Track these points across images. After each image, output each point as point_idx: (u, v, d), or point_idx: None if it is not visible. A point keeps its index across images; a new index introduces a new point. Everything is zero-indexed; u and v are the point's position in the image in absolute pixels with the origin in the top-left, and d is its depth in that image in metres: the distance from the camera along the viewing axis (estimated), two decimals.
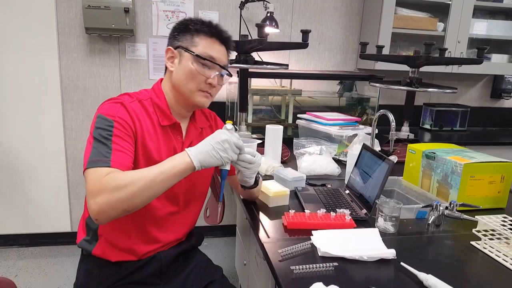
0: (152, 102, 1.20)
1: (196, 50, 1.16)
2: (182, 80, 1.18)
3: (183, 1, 2.62)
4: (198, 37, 1.18)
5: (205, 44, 1.18)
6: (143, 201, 1.00)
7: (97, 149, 1.04)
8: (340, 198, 1.45)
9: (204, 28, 1.18)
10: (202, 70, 1.17)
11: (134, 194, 0.97)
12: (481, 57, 2.13)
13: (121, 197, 0.96)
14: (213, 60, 1.18)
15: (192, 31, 1.18)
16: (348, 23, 2.93)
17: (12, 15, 2.39)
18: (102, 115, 1.09)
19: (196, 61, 1.17)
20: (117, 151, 1.05)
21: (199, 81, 1.17)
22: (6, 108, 2.51)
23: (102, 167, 1.01)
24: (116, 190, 0.96)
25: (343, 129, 2.08)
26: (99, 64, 2.60)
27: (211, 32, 1.19)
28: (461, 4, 2.72)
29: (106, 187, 0.97)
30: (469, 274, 1.04)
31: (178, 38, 1.20)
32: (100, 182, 0.98)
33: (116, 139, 1.06)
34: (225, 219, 1.82)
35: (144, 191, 0.98)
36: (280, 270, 0.98)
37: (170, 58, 1.20)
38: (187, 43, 1.18)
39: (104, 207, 0.97)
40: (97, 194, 0.97)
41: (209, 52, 1.17)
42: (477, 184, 1.39)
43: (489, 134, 3.09)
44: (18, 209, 2.68)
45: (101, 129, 1.06)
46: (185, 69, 1.17)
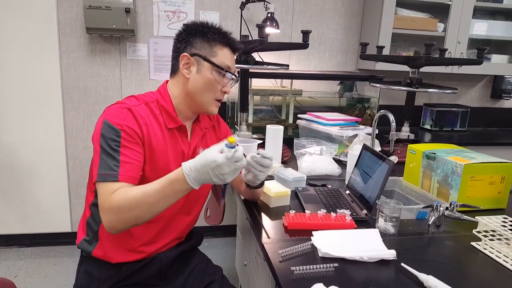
0: (159, 105, 1.20)
1: (215, 60, 1.19)
2: (200, 89, 1.19)
3: (184, 1, 2.62)
4: (216, 47, 1.20)
5: (221, 54, 1.20)
6: (150, 218, 1.07)
7: (105, 161, 1.06)
8: (341, 199, 1.45)
9: (221, 38, 1.21)
10: (221, 80, 1.20)
11: (140, 215, 1.04)
12: (481, 57, 2.14)
13: (129, 217, 1.03)
14: (229, 70, 1.21)
15: (211, 40, 1.19)
16: (348, 24, 2.93)
17: (13, 15, 2.39)
18: (109, 122, 1.09)
19: (215, 71, 1.19)
20: (125, 163, 1.07)
21: (216, 90, 1.21)
22: (7, 108, 2.51)
23: (111, 182, 1.05)
24: (123, 211, 1.02)
25: (344, 129, 2.08)
26: (100, 64, 2.61)
27: (227, 42, 1.22)
28: (461, 5, 2.72)
29: (114, 207, 1.02)
30: (469, 275, 1.04)
31: (195, 45, 1.19)
32: (108, 200, 1.03)
33: (124, 150, 1.08)
34: (226, 220, 1.81)
35: (149, 211, 1.04)
36: (280, 271, 0.98)
37: (186, 64, 1.19)
38: (206, 52, 1.19)
39: (114, 224, 1.04)
40: (107, 211, 1.04)
41: (226, 62, 1.21)
42: (477, 184, 1.39)
43: (489, 135, 3.09)
44: (18, 209, 2.68)
45: (109, 139, 1.07)
46: (204, 79, 1.19)
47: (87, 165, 2.71)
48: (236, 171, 1.01)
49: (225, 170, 0.99)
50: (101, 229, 1.20)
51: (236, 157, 0.99)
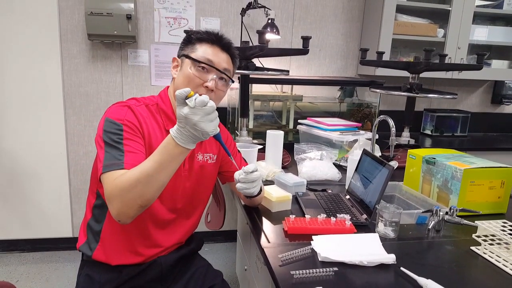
0: (158, 108, 1.24)
1: (194, 55, 1.21)
2: (181, 84, 1.20)
3: (185, 8, 2.64)
4: (199, 45, 1.22)
5: (204, 49, 1.21)
6: (154, 193, 1.04)
7: (110, 153, 1.08)
8: (341, 203, 1.46)
9: (204, 35, 1.23)
10: (199, 74, 1.19)
11: (143, 191, 1.02)
12: (481, 63, 2.14)
13: (132, 196, 1.01)
14: (211, 63, 1.20)
15: (194, 39, 1.23)
16: (348, 30, 2.95)
17: (15, 21, 2.41)
18: (110, 118, 1.13)
19: (193, 65, 1.20)
20: (129, 152, 1.08)
21: (196, 84, 1.19)
22: (9, 113, 2.53)
23: (116, 170, 1.04)
24: (125, 191, 1.01)
25: (344, 134, 2.09)
26: (101, 70, 2.62)
27: (211, 39, 1.23)
28: (461, 11, 2.74)
29: (116, 190, 1.02)
30: (469, 279, 1.04)
31: (183, 48, 1.25)
32: (111, 186, 1.03)
33: (127, 141, 1.10)
34: (226, 225, 1.82)
35: (152, 186, 1.02)
36: (280, 275, 0.99)
37: (175, 67, 1.26)
38: (188, 50, 1.23)
39: (121, 209, 1.02)
40: (111, 198, 1.03)
41: (207, 56, 1.20)
42: (477, 189, 1.39)
43: (490, 140, 3.09)
44: (20, 214, 2.69)
45: (111, 133, 1.10)
46: (183, 74, 1.21)
47: (88, 170, 2.73)
48: (208, 117, 0.99)
49: (195, 118, 0.97)
50: (103, 229, 1.21)
51: (200, 101, 0.97)
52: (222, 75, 1.23)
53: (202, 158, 1.32)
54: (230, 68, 1.26)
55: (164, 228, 1.25)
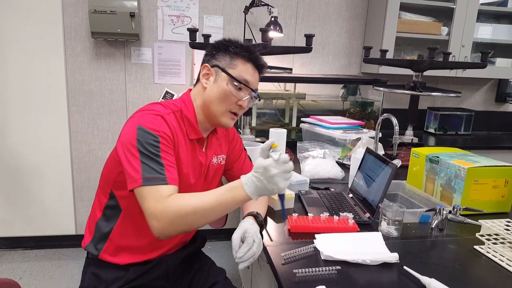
0: (182, 115, 1.21)
1: (233, 72, 1.19)
2: (215, 99, 1.19)
3: (188, 6, 2.64)
4: (236, 60, 1.20)
5: (242, 68, 1.20)
6: (203, 224, 1.08)
7: (149, 165, 1.05)
8: (344, 202, 1.46)
9: (243, 52, 1.21)
10: (236, 92, 1.20)
11: (194, 223, 1.05)
12: (485, 61, 2.13)
13: (183, 223, 1.03)
14: (247, 84, 1.21)
15: (232, 53, 1.21)
16: (352, 28, 2.94)
17: (19, 20, 2.42)
18: (145, 128, 1.08)
19: (231, 83, 1.19)
20: (169, 166, 1.07)
21: (230, 102, 1.20)
22: (13, 111, 2.54)
23: (160, 185, 1.04)
24: (178, 217, 1.01)
25: (347, 133, 2.08)
26: (104, 68, 2.63)
27: (249, 57, 1.22)
28: (465, 9, 2.72)
29: (168, 212, 1.01)
30: (472, 278, 1.03)
31: (217, 57, 1.22)
32: (162, 204, 1.01)
33: (164, 154, 1.08)
34: (229, 223, 1.82)
35: (203, 220, 1.05)
36: (283, 274, 0.99)
37: (206, 75, 1.22)
38: (225, 64, 1.20)
39: (166, 230, 1.03)
40: (160, 217, 1.01)
41: (245, 76, 1.20)
42: (480, 188, 1.39)
43: (494, 138, 3.08)
44: (23, 212, 2.70)
45: (148, 144, 1.06)
46: (219, 88, 1.19)
47: (91, 168, 2.74)
48: (286, 175, 1.02)
49: (273, 171, 1.00)
50: (114, 230, 1.21)
51: (284, 158, 1.01)
52: (254, 94, 1.24)
53: (216, 160, 1.33)
54: (257, 86, 1.28)
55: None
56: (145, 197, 1.03)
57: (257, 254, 1.07)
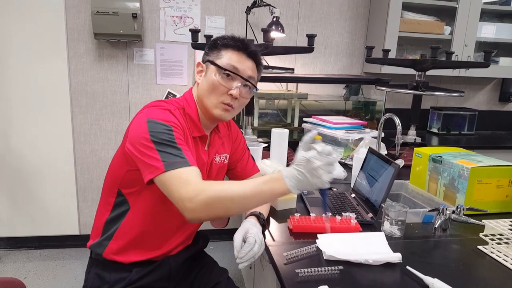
0: (185, 113, 1.21)
1: (220, 62, 1.19)
2: (205, 91, 1.20)
3: (190, 6, 2.64)
4: (224, 51, 1.20)
5: (230, 56, 1.19)
6: (238, 212, 1.07)
7: (167, 152, 1.03)
8: (346, 202, 1.45)
9: (230, 42, 1.21)
10: (224, 81, 1.18)
11: (230, 209, 1.02)
12: (488, 60, 2.12)
13: (218, 207, 1.00)
14: (236, 71, 1.18)
15: (220, 45, 1.21)
16: (354, 27, 2.93)
17: (22, 21, 2.43)
18: (155, 120, 1.07)
19: (219, 73, 1.18)
20: (186, 151, 1.06)
21: (221, 92, 1.18)
22: (16, 112, 2.55)
23: (184, 167, 1.01)
24: (215, 201, 0.99)
25: (349, 132, 2.08)
26: (107, 69, 2.63)
27: (237, 46, 1.21)
28: (468, 8, 2.71)
29: (205, 194, 0.98)
30: (476, 278, 1.03)
31: (208, 53, 1.23)
32: (197, 186, 0.99)
33: (179, 141, 1.07)
34: (231, 223, 1.82)
35: (239, 207, 1.03)
36: (285, 274, 0.99)
37: (200, 72, 1.24)
38: (214, 56, 1.21)
39: (200, 211, 0.99)
40: (194, 197, 0.98)
41: (233, 64, 1.18)
42: (484, 188, 1.38)
43: (497, 138, 3.07)
44: (27, 212, 2.71)
45: (161, 133, 1.05)
46: (208, 80, 1.19)
47: (95, 168, 2.75)
48: (329, 167, 0.98)
49: (317, 163, 0.96)
50: (120, 228, 1.21)
51: (327, 150, 0.97)
52: (247, 83, 1.21)
53: (219, 159, 1.33)
54: (254, 75, 1.24)
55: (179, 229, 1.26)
56: (172, 182, 1.00)
57: (258, 254, 1.07)
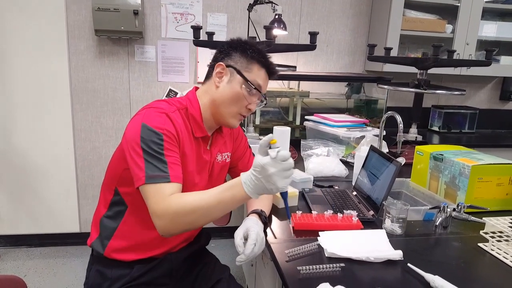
0: (188, 113, 1.20)
1: (248, 76, 1.19)
2: (227, 99, 1.19)
3: (192, 3, 2.64)
4: (252, 64, 1.20)
5: (257, 72, 1.21)
6: (205, 223, 1.09)
7: (152, 163, 1.05)
8: (347, 200, 1.46)
9: (260, 58, 1.22)
10: (248, 96, 1.20)
11: (195, 221, 1.05)
12: (490, 59, 2.12)
13: (184, 222, 1.04)
14: (260, 88, 1.21)
15: (249, 57, 1.21)
16: (356, 25, 2.93)
17: (23, 18, 2.43)
18: (149, 126, 1.08)
19: (245, 86, 1.19)
20: (172, 164, 1.08)
21: (241, 105, 1.21)
22: (17, 109, 2.55)
23: (163, 183, 1.04)
24: (179, 215, 1.02)
25: (351, 130, 2.08)
26: (108, 66, 2.63)
27: (265, 63, 1.22)
28: (470, 6, 2.71)
29: (170, 210, 1.02)
30: (476, 276, 1.03)
31: (233, 57, 1.21)
32: (164, 203, 1.02)
33: (168, 152, 1.08)
34: (232, 220, 1.82)
35: (205, 218, 1.06)
36: (287, 271, 0.99)
37: (219, 73, 1.21)
38: (241, 66, 1.20)
39: (169, 228, 1.04)
40: (162, 215, 1.03)
41: (258, 81, 1.21)
42: (485, 186, 1.38)
43: (498, 136, 3.07)
44: (28, 210, 2.71)
45: (151, 142, 1.07)
46: (233, 90, 1.19)
47: (95, 166, 2.75)
48: (285, 173, 0.99)
49: (271, 170, 0.97)
50: (120, 227, 1.21)
51: (282, 155, 0.97)
52: (263, 99, 1.25)
53: (221, 158, 1.33)
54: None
55: None
56: (148, 196, 1.05)
57: (258, 252, 1.08)
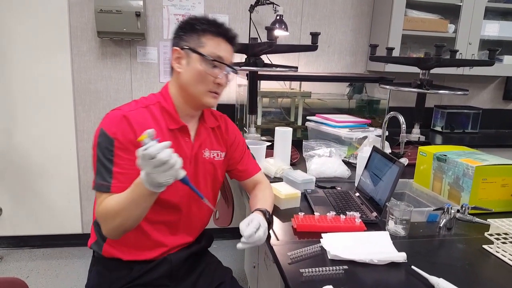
0: (160, 106, 1.20)
1: (203, 50, 1.16)
2: (191, 81, 1.18)
3: (194, 5, 2.64)
4: (204, 37, 1.17)
5: (212, 44, 1.17)
6: (133, 223, 1.08)
7: (100, 171, 1.10)
8: (350, 201, 1.45)
9: (211, 28, 1.18)
10: (211, 71, 1.17)
11: (122, 222, 1.07)
12: (493, 58, 2.11)
13: (114, 225, 1.07)
14: (221, 60, 1.18)
15: (199, 31, 1.17)
16: (358, 25, 2.92)
17: (26, 19, 2.43)
18: (104, 131, 1.11)
19: (204, 62, 1.16)
20: (118, 173, 1.09)
21: (208, 81, 1.18)
22: (19, 110, 2.55)
23: (103, 193, 1.10)
24: (108, 219, 1.08)
25: (353, 131, 2.07)
26: (110, 67, 2.63)
27: (218, 31, 1.18)
28: (472, 6, 2.70)
29: (102, 216, 1.09)
30: (481, 278, 1.02)
31: (184, 38, 1.18)
32: (99, 209, 1.09)
33: (117, 159, 1.10)
34: (234, 221, 1.82)
35: (129, 218, 1.06)
36: (289, 273, 0.98)
37: (177, 59, 1.19)
38: (194, 43, 1.17)
39: (107, 232, 1.11)
40: (99, 220, 1.11)
41: (217, 52, 1.17)
42: (489, 187, 1.37)
43: (502, 137, 3.05)
44: (30, 211, 2.71)
45: (104, 148, 1.10)
46: (193, 70, 1.17)
47: None
48: (158, 169, 0.92)
49: (145, 169, 0.94)
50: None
51: (146, 154, 0.90)
52: (231, 70, 1.21)
53: (209, 154, 1.30)
54: (233, 59, 1.24)
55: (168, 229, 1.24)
56: (96, 201, 1.13)
57: (260, 239, 1.09)
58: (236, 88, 2.78)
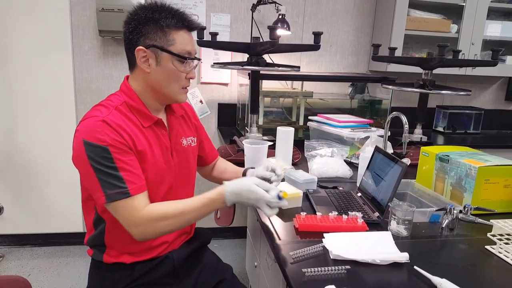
0: (128, 105, 1.15)
1: (174, 49, 1.12)
2: (164, 81, 1.15)
3: (195, 4, 2.63)
4: (171, 34, 1.12)
5: (180, 40, 1.13)
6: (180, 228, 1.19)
7: (107, 181, 1.04)
8: (352, 201, 1.44)
9: (176, 23, 1.13)
10: (183, 68, 1.16)
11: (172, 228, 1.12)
12: (496, 59, 2.10)
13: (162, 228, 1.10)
14: (191, 55, 1.16)
15: (165, 27, 1.11)
16: (360, 25, 2.92)
17: (27, 18, 2.43)
18: (90, 142, 1.04)
19: (176, 60, 1.14)
20: (128, 176, 1.06)
21: (181, 79, 1.17)
22: (21, 109, 2.55)
23: (125, 199, 1.05)
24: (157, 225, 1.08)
25: (355, 131, 2.07)
26: (112, 66, 2.63)
27: (182, 25, 1.14)
28: (475, 6, 2.69)
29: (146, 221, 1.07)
30: (484, 279, 1.02)
31: (148, 35, 1.11)
32: (140, 215, 1.06)
33: (119, 163, 1.05)
34: (236, 221, 1.81)
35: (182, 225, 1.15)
36: (291, 273, 0.98)
37: (143, 58, 1.13)
38: (162, 41, 1.12)
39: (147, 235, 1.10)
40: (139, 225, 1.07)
41: (186, 48, 1.15)
42: (492, 187, 1.37)
43: (504, 137, 3.05)
44: (31, 209, 2.72)
45: (100, 158, 1.03)
46: (166, 70, 1.14)
47: None
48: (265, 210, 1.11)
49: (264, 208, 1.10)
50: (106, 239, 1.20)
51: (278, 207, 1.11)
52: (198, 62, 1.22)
53: (186, 142, 1.31)
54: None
55: None
56: (116, 212, 1.07)
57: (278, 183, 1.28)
58: (237, 87, 2.78)
